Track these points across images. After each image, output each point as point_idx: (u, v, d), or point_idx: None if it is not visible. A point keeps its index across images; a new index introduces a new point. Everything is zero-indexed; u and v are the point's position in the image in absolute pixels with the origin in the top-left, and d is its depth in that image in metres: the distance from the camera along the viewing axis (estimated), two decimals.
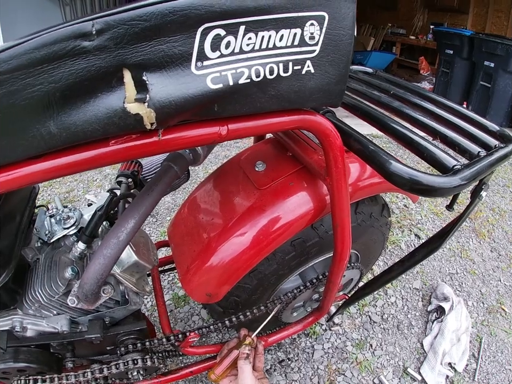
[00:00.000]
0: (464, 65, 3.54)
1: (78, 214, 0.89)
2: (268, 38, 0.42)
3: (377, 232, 1.11)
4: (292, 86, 0.46)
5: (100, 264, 0.66)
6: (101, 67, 0.36)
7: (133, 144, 0.44)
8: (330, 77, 0.49)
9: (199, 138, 0.46)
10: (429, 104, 0.82)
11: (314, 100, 0.50)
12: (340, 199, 0.68)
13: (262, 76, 0.43)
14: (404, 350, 1.37)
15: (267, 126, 0.50)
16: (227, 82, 0.41)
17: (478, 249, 1.82)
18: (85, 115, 0.38)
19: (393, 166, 0.57)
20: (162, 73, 0.39)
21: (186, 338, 0.82)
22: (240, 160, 0.84)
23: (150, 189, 0.68)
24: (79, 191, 2.09)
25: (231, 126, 0.47)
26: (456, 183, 0.53)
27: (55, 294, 0.79)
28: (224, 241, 0.73)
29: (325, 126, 0.56)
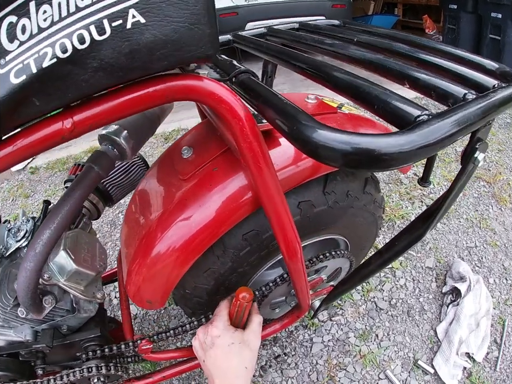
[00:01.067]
0: (470, 19, 3.30)
1: (30, 225, 0.87)
2: (66, 2, 0.34)
3: (363, 213, 0.98)
4: (118, 48, 0.36)
5: (23, 277, 0.65)
6: None
7: None
8: (175, 21, 0.37)
9: (44, 141, 0.40)
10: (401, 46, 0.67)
11: (162, 57, 0.38)
12: (264, 184, 0.57)
13: (71, 49, 0.35)
14: (415, 339, 1.23)
15: (126, 105, 0.42)
16: (30, 70, 0.34)
17: (499, 217, 1.59)
18: None
19: (316, 135, 0.39)
20: None
21: (139, 345, 0.78)
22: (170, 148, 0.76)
23: (67, 195, 0.65)
24: None
25: (77, 117, 0.40)
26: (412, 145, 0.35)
27: (7, 307, 0.79)
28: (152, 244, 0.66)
29: (213, 91, 0.44)
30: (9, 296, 0.79)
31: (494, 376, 1.12)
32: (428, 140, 0.36)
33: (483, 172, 1.78)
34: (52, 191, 2.17)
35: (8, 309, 0.80)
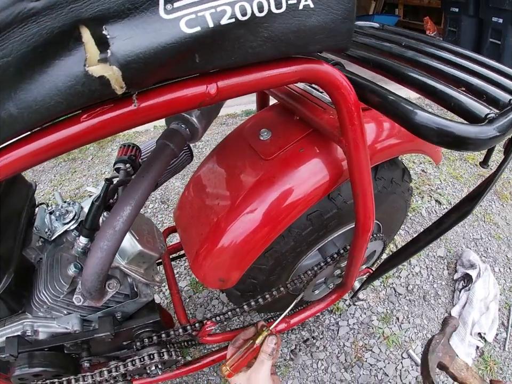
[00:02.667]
0: (471, 22, 3.35)
1: (77, 207, 0.83)
2: None
3: (399, 199, 1.03)
4: (289, 24, 0.37)
5: (98, 258, 0.60)
6: (54, 28, 0.30)
7: (107, 116, 0.37)
8: (334, 12, 0.40)
9: (184, 100, 0.39)
10: (446, 53, 0.73)
11: (318, 41, 0.41)
12: (358, 163, 0.60)
13: (250, 13, 0.34)
14: (432, 321, 1.31)
15: (265, 80, 0.42)
16: (206, 24, 0.33)
17: (501, 212, 1.72)
18: (44, 88, 0.33)
19: (419, 116, 0.49)
20: (126, 24, 0.32)
21: (203, 327, 0.77)
22: (242, 131, 0.76)
23: (145, 171, 0.62)
24: (89, 185, 2.05)
25: (221, 83, 0.39)
26: (492, 134, 0.46)
27: (60, 294, 0.75)
28: (233, 221, 0.67)
29: (335, 76, 0.48)
30: (64, 282, 0.74)
31: (504, 355, 1.21)
32: (499, 132, 0.46)
33: (485, 171, 1.90)
34: (57, 181, 2.07)
35: (61, 297, 0.75)
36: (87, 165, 2.24)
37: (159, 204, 1.87)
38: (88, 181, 2.10)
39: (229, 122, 2.57)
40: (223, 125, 2.54)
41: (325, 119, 0.61)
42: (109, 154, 2.31)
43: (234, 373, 0.72)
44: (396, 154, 0.83)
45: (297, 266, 0.93)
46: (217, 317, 0.79)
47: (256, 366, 0.72)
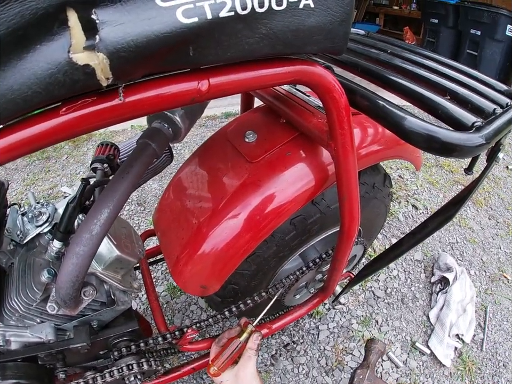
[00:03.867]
0: (450, 34, 3.48)
1: (51, 208, 0.78)
2: None
3: (380, 204, 1.04)
4: (288, 23, 0.37)
5: (73, 265, 0.57)
6: (38, 9, 0.27)
7: (89, 110, 0.34)
8: (333, 14, 0.40)
9: (173, 97, 0.37)
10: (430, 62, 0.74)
11: (316, 42, 0.41)
12: (346, 167, 0.59)
13: (250, 8, 0.33)
14: (410, 324, 1.33)
15: (258, 79, 0.41)
16: (204, 15, 0.31)
17: (476, 217, 1.78)
18: (22, 75, 0.29)
19: (408, 121, 0.50)
20: (118, 9, 0.29)
21: (184, 335, 0.74)
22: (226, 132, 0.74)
23: (125, 172, 0.58)
24: (63, 185, 1.96)
25: (213, 80, 0.38)
26: (479, 141, 0.48)
27: (33, 302, 0.70)
28: (216, 225, 0.65)
29: (328, 79, 0.48)
30: (37, 289, 0.69)
31: (481, 356, 1.25)
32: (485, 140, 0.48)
33: (460, 177, 1.98)
34: (30, 180, 1.97)
35: (34, 305, 0.70)
36: (61, 164, 2.15)
37: (136, 206, 1.82)
38: (63, 180, 2.01)
39: (208, 124, 2.54)
40: (202, 126, 2.51)
41: (313, 123, 0.61)
42: (84, 154, 2.23)
43: (222, 372, 0.71)
44: (379, 159, 0.84)
45: (278, 271, 0.92)
46: (198, 324, 0.77)
47: (243, 362, 0.71)
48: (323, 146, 0.61)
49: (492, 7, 2.96)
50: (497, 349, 1.27)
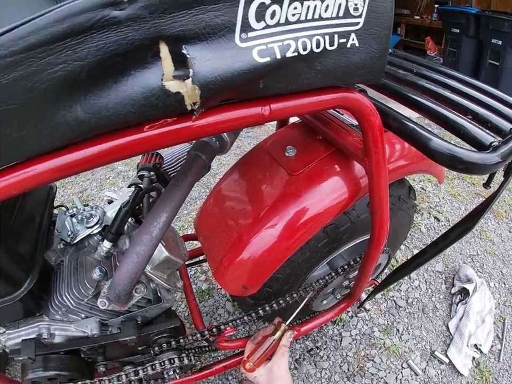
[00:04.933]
0: (471, 43, 3.44)
1: (100, 212, 0.85)
2: (314, 8, 0.38)
3: (405, 215, 1.08)
4: (338, 60, 0.43)
5: (133, 263, 0.63)
6: (134, 40, 0.32)
7: (169, 129, 0.39)
8: (373, 51, 0.46)
9: (240, 119, 0.42)
10: (453, 81, 0.79)
11: (359, 75, 0.47)
12: (379, 181, 0.64)
13: (309, 49, 0.39)
14: (430, 333, 1.35)
15: (309, 105, 0.47)
16: (274, 55, 0.37)
17: (496, 229, 1.79)
18: (117, 96, 0.34)
19: (434, 142, 0.56)
20: (204, 46, 0.35)
21: (223, 332, 0.80)
22: (266, 146, 0.80)
23: (180, 180, 0.65)
24: (93, 190, 2.06)
25: (274, 106, 0.44)
26: (495, 160, 0.53)
27: (84, 297, 0.75)
28: (259, 231, 0.70)
29: (365, 104, 0.53)
30: (89, 286, 0.75)
31: (498, 366, 1.26)
32: (501, 158, 0.53)
33: (482, 190, 1.99)
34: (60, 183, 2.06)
35: (85, 300, 0.75)
36: None
37: None
38: (92, 185, 2.11)
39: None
40: None
41: (348, 141, 0.66)
42: None
43: (256, 367, 0.76)
44: (406, 174, 0.88)
45: (308, 277, 0.97)
46: (235, 322, 0.82)
47: (277, 359, 0.76)
48: (358, 162, 0.67)
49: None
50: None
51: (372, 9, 0.42)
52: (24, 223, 0.76)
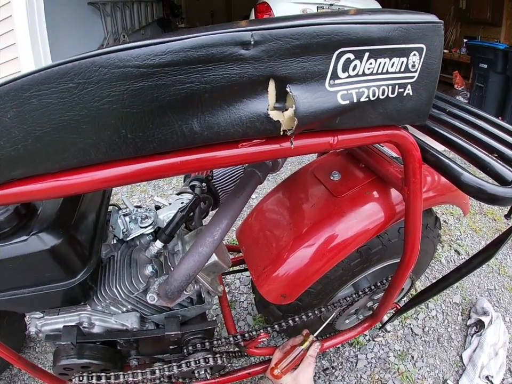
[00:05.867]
0: (499, 79, 3.45)
1: (154, 214, 0.92)
2: (384, 64, 0.48)
3: (430, 243, 1.14)
4: (396, 105, 0.52)
5: (194, 262, 0.69)
6: (252, 75, 0.40)
7: (259, 148, 0.48)
8: (422, 98, 0.54)
9: (315, 146, 0.51)
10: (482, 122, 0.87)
11: (409, 118, 0.56)
12: (415, 208, 0.72)
13: (377, 95, 0.48)
14: (444, 362, 1.38)
15: (367, 139, 0.55)
16: (352, 99, 0.47)
17: None
18: (229, 117, 0.42)
19: (464, 176, 0.65)
20: (303, 87, 0.44)
21: (256, 338, 0.86)
22: (312, 169, 0.89)
23: (239, 192, 0.73)
24: (123, 194, 2.17)
25: (340, 137, 0.52)
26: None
27: (135, 291, 0.81)
28: (302, 245, 0.78)
29: (410, 140, 0.61)
30: (142, 280, 0.81)
31: None
32: None
33: (503, 225, 2.04)
34: None
35: (135, 294, 0.82)
36: None
37: None
38: (123, 190, 2.22)
39: None
40: None
41: (390, 170, 0.74)
42: None
43: (283, 375, 0.82)
44: (434, 204, 0.95)
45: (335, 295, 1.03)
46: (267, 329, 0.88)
47: (304, 368, 0.82)
48: (397, 190, 0.74)
49: None
50: None
51: (425, 65, 0.51)
52: (85, 216, 0.81)
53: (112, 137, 0.41)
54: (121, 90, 0.37)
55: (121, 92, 0.37)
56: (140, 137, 0.41)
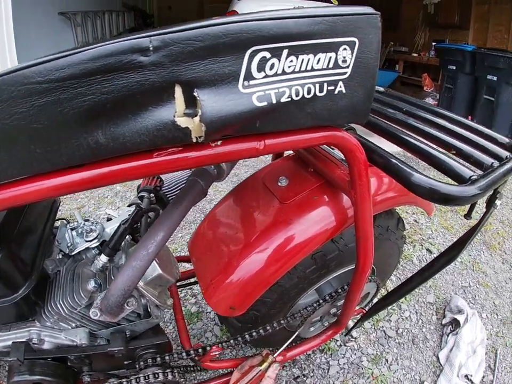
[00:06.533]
0: (467, 80, 3.55)
1: (100, 227, 0.90)
2: (307, 60, 0.44)
3: (393, 246, 1.11)
4: (326, 104, 0.48)
5: (128, 276, 0.67)
6: (155, 82, 0.38)
7: (174, 157, 0.45)
8: (358, 96, 0.51)
9: (239, 152, 0.48)
10: (440, 119, 0.84)
11: (344, 117, 0.52)
12: (363, 211, 0.69)
13: (301, 95, 0.45)
14: (420, 363, 1.35)
15: (299, 142, 0.52)
16: (270, 100, 0.43)
17: (489, 261, 1.81)
18: (134, 126, 0.40)
19: (415, 177, 0.61)
20: (212, 90, 0.41)
21: (208, 352, 0.82)
22: (262, 176, 0.86)
23: (178, 203, 0.70)
24: (90, 207, 2.11)
25: (268, 141, 0.49)
26: (473, 192, 0.57)
27: (77, 306, 0.79)
28: (249, 255, 0.74)
29: (351, 142, 0.58)
30: (83, 295, 0.79)
31: None
32: (479, 191, 0.57)
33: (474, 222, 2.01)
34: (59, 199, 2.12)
35: (78, 309, 0.79)
36: None
37: None
38: (90, 202, 2.16)
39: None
40: None
41: (336, 173, 0.71)
42: None
43: None
44: (393, 205, 0.93)
45: (296, 303, 0.99)
46: (221, 344, 0.84)
47: None
48: (345, 193, 0.71)
49: (508, 53, 3.05)
50: None
51: (359, 60, 0.48)
52: (27, 231, 0.80)
53: (22, 153, 0.40)
54: (28, 107, 0.37)
55: (27, 108, 0.37)
56: (49, 151, 0.40)
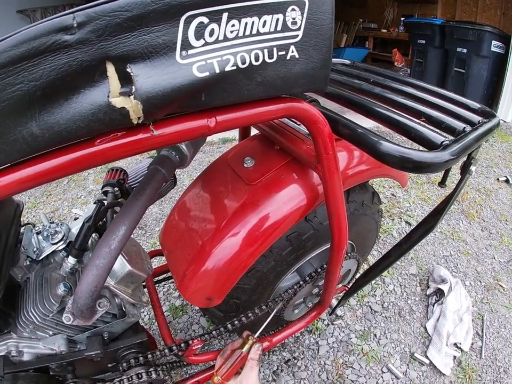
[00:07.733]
0: (437, 53, 3.59)
1: (65, 228, 0.85)
2: (251, 24, 0.41)
3: (370, 220, 1.11)
4: (278, 72, 0.45)
5: (93, 276, 0.63)
6: (83, 61, 0.35)
7: (119, 142, 0.42)
8: (314, 61, 0.48)
9: (188, 132, 0.45)
10: (409, 88, 0.83)
11: (300, 85, 0.49)
12: (332, 186, 0.67)
13: (248, 62, 0.42)
14: (408, 336, 1.37)
15: (255, 116, 0.49)
16: (213, 70, 0.40)
17: (468, 229, 1.85)
18: (68, 113, 0.37)
19: (383, 146, 0.58)
20: (147, 64, 0.37)
21: (190, 346, 0.80)
22: (227, 158, 0.83)
23: (139, 194, 0.66)
24: (64, 209, 2.04)
25: (219, 118, 0.46)
26: (446, 158, 0.55)
27: (49, 313, 0.76)
28: (219, 242, 0.72)
29: (312, 112, 0.56)
30: (54, 301, 0.75)
31: (481, 363, 1.28)
32: (452, 156, 0.55)
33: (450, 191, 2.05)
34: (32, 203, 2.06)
35: (50, 316, 0.76)
36: (62, 188, 2.24)
37: (136, 230, 1.88)
38: (64, 204, 2.09)
39: (206, 149, 2.66)
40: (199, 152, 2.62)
41: (303, 149, 0.69)
42: (85, 179, 2.32)
43: (225, 381, 0.76)
44: (365, 179, 0.91)
45: (277, 287, 0.98)
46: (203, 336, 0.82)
47: (246, 372, 0.76)
48: (312, 169, 0.69)
49: (476, 25, 3.09)
50: (496, 356, 1.30)
51: (311, 22, 0.45)
52: None
53: None
54: None
55: None
56: None
